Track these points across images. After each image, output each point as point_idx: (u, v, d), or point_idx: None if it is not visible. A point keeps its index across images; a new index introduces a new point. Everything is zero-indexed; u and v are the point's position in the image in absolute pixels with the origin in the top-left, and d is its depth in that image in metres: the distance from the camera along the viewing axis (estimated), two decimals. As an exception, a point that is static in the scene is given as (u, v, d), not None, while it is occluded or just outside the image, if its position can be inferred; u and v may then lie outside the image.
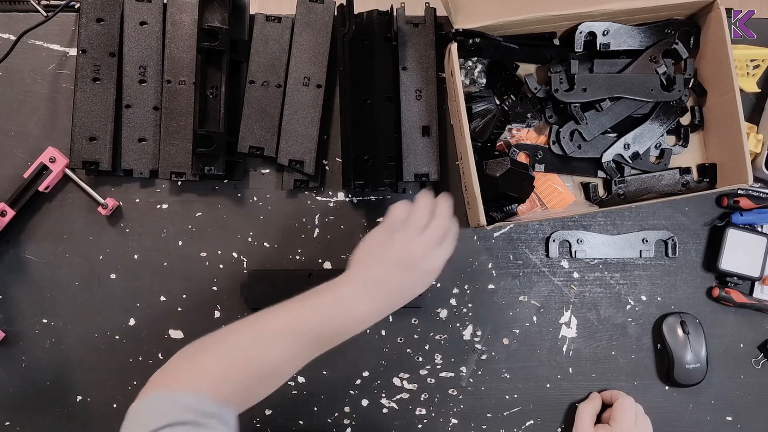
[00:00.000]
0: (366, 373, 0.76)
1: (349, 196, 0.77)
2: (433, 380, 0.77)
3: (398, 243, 0.58)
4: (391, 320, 0.77)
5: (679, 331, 0.77)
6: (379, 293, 0.58)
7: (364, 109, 0.72)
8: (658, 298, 0.79)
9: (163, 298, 0.75)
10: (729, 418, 0.79)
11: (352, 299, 0.58)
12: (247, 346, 0.55)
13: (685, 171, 0.76)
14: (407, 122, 0.74)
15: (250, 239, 0.76)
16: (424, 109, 0.74)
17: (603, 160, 0.74)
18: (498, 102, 0.73)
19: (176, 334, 0.75)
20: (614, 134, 0.75)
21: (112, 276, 0.75)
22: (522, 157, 0.74)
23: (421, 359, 0.77)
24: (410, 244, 0.59)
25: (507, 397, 0.78)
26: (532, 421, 0.78)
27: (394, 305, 0.60)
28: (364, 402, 0.76)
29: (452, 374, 0.77)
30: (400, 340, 0.77)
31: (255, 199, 0.76)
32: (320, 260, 0.76)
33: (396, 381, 0.77)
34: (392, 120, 0.72)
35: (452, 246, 0.62)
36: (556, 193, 0.75)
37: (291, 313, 0.57)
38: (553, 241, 0.78)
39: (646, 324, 0.79)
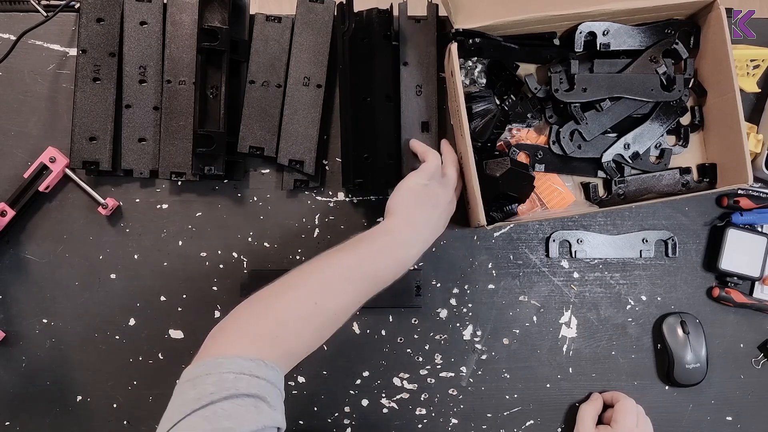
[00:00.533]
0: (366, 373, 0.76)
1: (349, 196, 0.77)
2: (433, 380, 0.77)
3: (433, 190, 0.67)
4: (391, 320, 0.77)
5: (679, 331, 0.77)
6: (424, 234, 0.65)
7: (363, 107, 0.72)
8: (658, 298, 0.79)
9: (163, 298, 0.75)
10: (729, 418, 0.79)
11: (408, 242, 0.63)
12: (315, 297, 0.55)
13: (685, 171, 0.76)
14: (407, 118, 0.74)
15: (250, 239, 0.76)
16: (424, 105, 0.74)
17: (603, 160, 0.74)
18: (498, 102, 0.73)
19: (176, 334, 0.75)
20: (614, 134, 0.75)
21: (112, 276, 0.75)
22: (522, 157, 0.74)
23: (421, 359, 0.77)
24: (441, 192, 0.67)
25: (507, 397, 0.78)
26: (532, 421, 0.78)
27: (430, 242, 0.66)
28: (364, 402, 0.76)
29: (452, 374, 0.77)
30: (400, 340, 0.77)
31: (255, 199, 0.76)
32: (320, 260, 0.76)
33: (396, 381, 0.77)
34: (392, 118, 0.72)
35: (459, 191, 0.72)
36: (556, 193, 0.75)
37: (357, 257, 0.59)
38: (553, 241, 0.78)
39: (646, 324, 0.79)
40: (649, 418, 0.75)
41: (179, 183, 0.75)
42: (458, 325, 0.77)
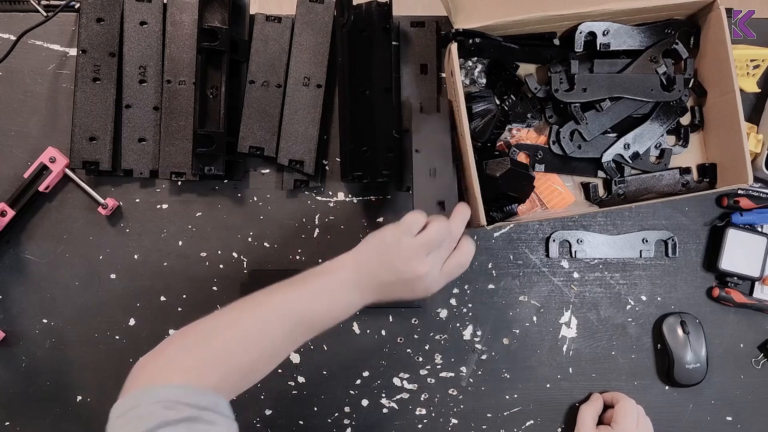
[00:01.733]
0: (366, 373, 0.76)
1: (350, 195, 0.77)
2: (433, 380, 0.77)
3: (405, 252, 0.56)
4: (391, 320, 0.77)
5: (679, 331, 0.77)
6: (371, 289, 0.58)
7: (362, 100, 0.72)
8: (658, 298, 0.79)
9: (163, 298, 0.75)
10: (729, 418, 0.79)
11: (345, 289, 0.57)
12: (242, 334, 0.54)
13: (685, 171, 0.76)
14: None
15: (250, 239, 0.76)
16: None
17: (603, 160, 0.74)
18: (498, 102, 0.73)
19: (176, 334, 0.75)
20: (614, 134, 0.75)
21: (112, 276, 0.75)
22: (522, 157, 0.74)
23: (421, 359, 0.77)
24: (415, 259, 0.56)
25: (507, 397, 0.78)
26: (532, 421, 0.78)
27: (381, 302, 0.59)
28: (364, 402, 0.76)
29: (452, 374, 0.77)
30: (400, 340, 0.77)
31: (255, 199, 0.76)
32: (320, 260, 0.75)
33: (396, 381, 0.77)
34: (391, 112, 0.72)
35: (457, 274, 0.60)
36: (556, 193, 0.75)
37: (287, 297, 0.56)
38: (553, 241, 0.78)
39: (646, 324, 0.79)
40: (649, 418, 0.75)
41: (179, 183, 0.75)
42: (458, 325, 0.77)
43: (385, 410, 0.77)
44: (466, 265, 0.60)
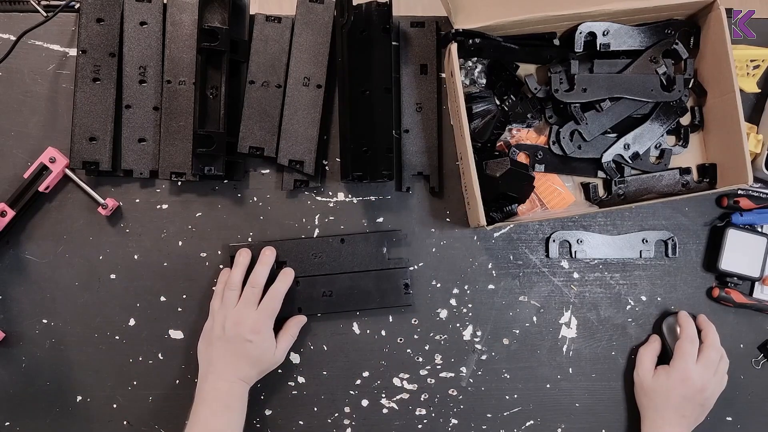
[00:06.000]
0: (366, 373, 0.76)
1: (350, 195, 0.77)
2: (433, 380, 0.77)
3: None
4: (391, 320, 0.77)
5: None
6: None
7: (362, 100, 0.72)
8: (658, 299, 0.79)
9: (163, 298, 0.75)
10: (729, 418, 0.79)
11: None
12: None
13: (685, 171, 0.76)
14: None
15: (250, 239, 0.76)
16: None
17: (603, 161, 0.74)
18: (498, 102, 0.73)
19: (176, 334, 0.75)
20: (614, 134, 0.75)
21: (112, 276, 0.75)
22: (522, 157, 0.74)
23: (421, 359, 0.77)
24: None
25: (507, 397, 0.78)
26: (532, 421, 0.78)
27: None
28: (364, 402, 0.76)
29: (452, 374, 0.77)
30: (400, 340, 0.77)
31: (255, 199, 0.76)
32: (320, 260, 0.76)
33: (396, 381, 0.77)
34: (391, 112, 0.72)
35: (276, 304, 0.71)
36: (556, 193, 0.75)
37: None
38: (553, 241, 0.78)
39: (646, 324, 0.79)
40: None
41: (179, 183, 0.75)
42: (458, 325, 0.77)
43: (385, 410, 0.77)
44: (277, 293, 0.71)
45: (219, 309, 0.70)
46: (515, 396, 0.78)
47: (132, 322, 0.75)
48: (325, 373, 0.76)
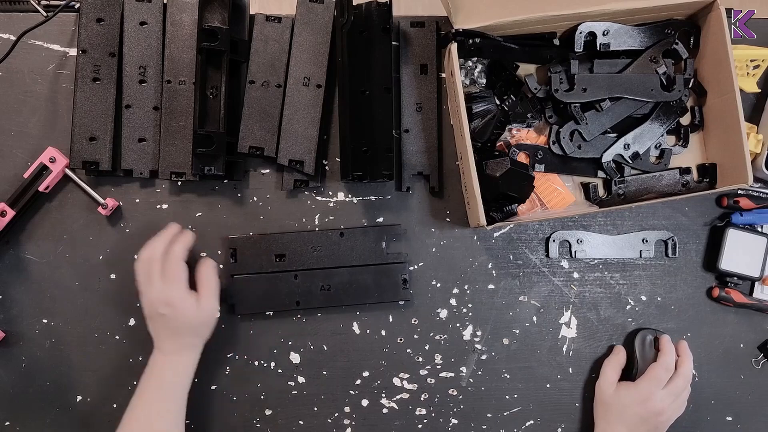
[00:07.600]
0: (366, 373, 0.76)
1: (350, 195, 0.77)
2: (433, 380, 0.77)
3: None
4: (391, 320, 0.77)
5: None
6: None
7: (362, 100, 0.72)
8: (658, 299, 0.79)
9: (163, 298, 0.75)
10: (729, 418, 0.79)
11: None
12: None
13: (685, 171, 0.76)
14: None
15: (250, 239, 0.76)
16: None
17: (603, 160, 0.74)
18: (498, 102, 0.73)
19: (176, 334, 0.75)
20: (614, 134, 0.75)
21: (112, 276, 0.75)
22: (522, 157, 0.74)
23: (421, 359, 0.77)
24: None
25: (507, 397, 0.78)
26: (532, 421, 0.78)
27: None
28: (364, 402, 0.76)
29: (452, 374, 0.77)
30: (400, 340, 0.77)
31: (255, 199, 0.76)
32: (320, 260, 0.76)
33: (396, 381, 0.77)
34: (391, 112, 0.72)
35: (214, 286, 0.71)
36: (556, 193, 0.75)
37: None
38: (553, 241, 0.78)
39: (646, 324, 0.79)
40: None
41: (179, 183, 0.75)
42: (458, 325, 0.77)
43: (385, 410, 0.77)
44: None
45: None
46: (515, 396, 0.78)
47: (132, 322, 0.75)
48: (325, 372, 0.76)
